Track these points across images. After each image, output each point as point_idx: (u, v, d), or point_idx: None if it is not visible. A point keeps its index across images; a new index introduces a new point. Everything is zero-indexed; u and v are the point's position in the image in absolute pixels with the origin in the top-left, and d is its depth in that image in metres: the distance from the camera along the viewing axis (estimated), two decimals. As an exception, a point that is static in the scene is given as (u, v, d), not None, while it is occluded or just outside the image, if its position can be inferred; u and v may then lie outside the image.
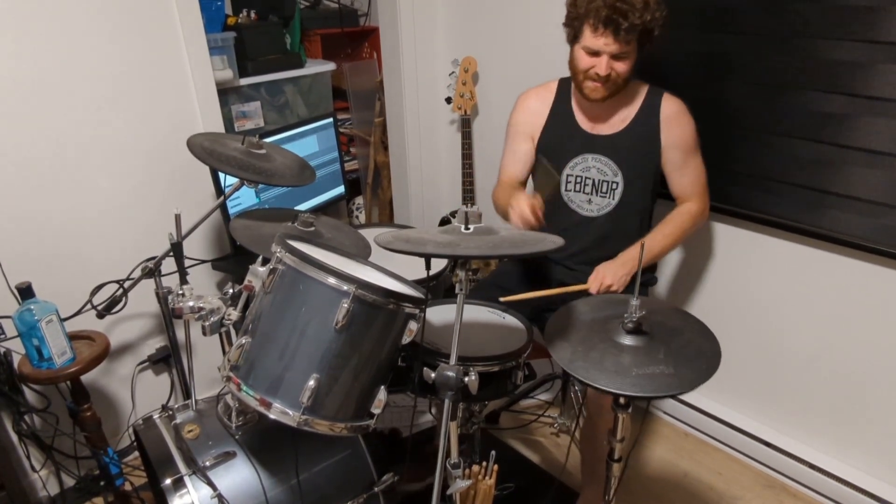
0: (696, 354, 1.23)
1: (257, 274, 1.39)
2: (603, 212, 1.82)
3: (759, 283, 2.06)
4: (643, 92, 1.75)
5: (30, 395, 1.98)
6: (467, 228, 1.25)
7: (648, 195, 1.84)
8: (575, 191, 1.84)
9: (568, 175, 1.83)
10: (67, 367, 1.73)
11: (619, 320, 1.27)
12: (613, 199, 1.80)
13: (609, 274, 1.69)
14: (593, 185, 1.81)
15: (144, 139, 2.11)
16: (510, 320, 1.67)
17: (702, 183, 1.82)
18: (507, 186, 1.85)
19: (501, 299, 1.66)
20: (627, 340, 1.25)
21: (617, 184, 1.78)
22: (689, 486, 2.15)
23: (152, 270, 1.75)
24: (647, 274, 1.94)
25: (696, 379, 1.16)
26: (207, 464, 1.45)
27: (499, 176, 1.93)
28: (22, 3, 1.78)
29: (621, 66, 1.63)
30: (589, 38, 1.60)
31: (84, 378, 1.82)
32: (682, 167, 1.78)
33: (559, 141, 1.84)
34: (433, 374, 1.19)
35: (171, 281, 1.69)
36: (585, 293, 1.67)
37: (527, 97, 1.90)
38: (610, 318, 1.32)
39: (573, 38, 1.67)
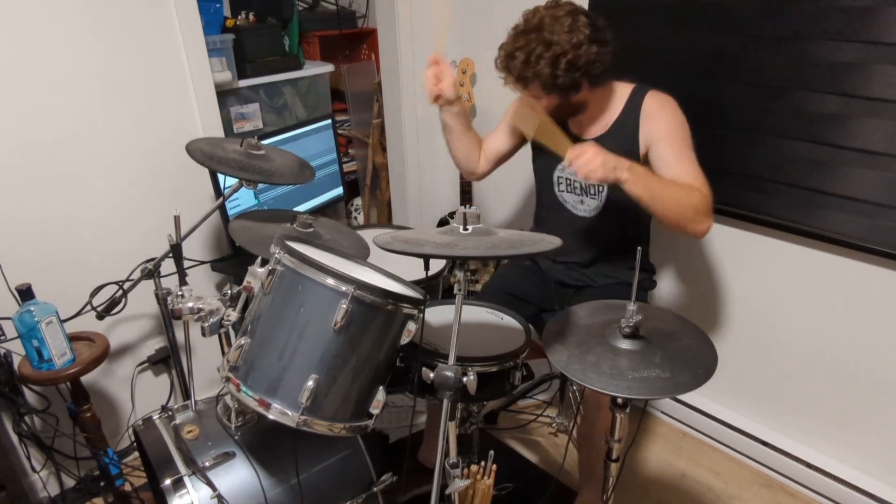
0: (693, 359, 1.24)
1: (256, 275, 1.40)
2: (594, 212, 1.84)
3: (757, 282, 2.07)
4: (627, 93, 1.73)
5: (30, 396, 1.98)
6: (466, 229, 1.26)
7: None
8: (567, 191, 1.86)
9: (559, 176, 1.86)
10: (67, 368, 1.74)
11: (617, 325, 1.28)
12: (601, 199, 1.80)
13: (592, 151, 1.48)
14: (582, 187, 1.83)
15: (143, 141, 2.12)
16: (508, 321, 1.68)
17: (700, 177, 1.63)
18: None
19: None
20: (624, 345, 1.26)
21: (602, 185, 1.78)
22: (686, 486, 2.16)
23: (152, 272, 1.75)
24: (645, 274, 1.94)
25: (691, 383, 1.17)
26: (207, 464, 1.45)
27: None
28: (20, 5, 1.78)
29: (541, 101, 1.66)
30: None
31: (84, 379, 1.83)
32: (674, 161, 1.64)
33: None
34: (432, 375, 1.20)
35: (170, 282, 1.69)
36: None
37: None
38: (607, 323, 1.33)
39: None
